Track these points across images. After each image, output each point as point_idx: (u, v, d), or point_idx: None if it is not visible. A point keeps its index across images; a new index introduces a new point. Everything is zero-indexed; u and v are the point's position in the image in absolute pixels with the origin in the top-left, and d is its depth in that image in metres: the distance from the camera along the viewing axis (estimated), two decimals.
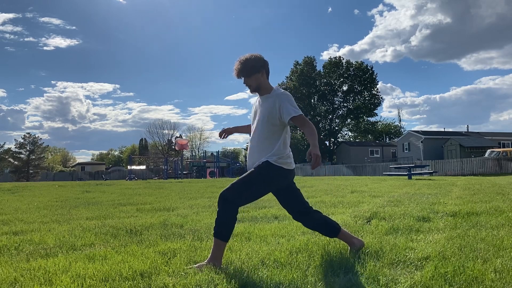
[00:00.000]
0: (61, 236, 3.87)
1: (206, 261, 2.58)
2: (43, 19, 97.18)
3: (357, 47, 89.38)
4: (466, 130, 46.50)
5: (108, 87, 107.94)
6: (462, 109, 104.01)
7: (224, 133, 3.15)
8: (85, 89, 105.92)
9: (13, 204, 7.62)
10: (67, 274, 2.45)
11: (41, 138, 57.69)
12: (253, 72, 2.75)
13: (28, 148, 54.36)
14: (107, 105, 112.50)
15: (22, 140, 54.47)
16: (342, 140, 54.91)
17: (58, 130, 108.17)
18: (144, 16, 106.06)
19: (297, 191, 2.88)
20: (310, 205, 2.89)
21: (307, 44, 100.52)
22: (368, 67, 51.87)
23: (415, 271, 2.40)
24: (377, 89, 52.36)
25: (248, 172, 2.73)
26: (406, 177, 16.38)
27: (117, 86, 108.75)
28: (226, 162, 45.71)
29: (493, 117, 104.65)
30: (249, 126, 3.05)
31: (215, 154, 41.13)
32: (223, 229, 2.58)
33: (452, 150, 36.13)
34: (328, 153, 52.37)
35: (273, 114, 2.70)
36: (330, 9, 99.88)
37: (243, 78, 2.79)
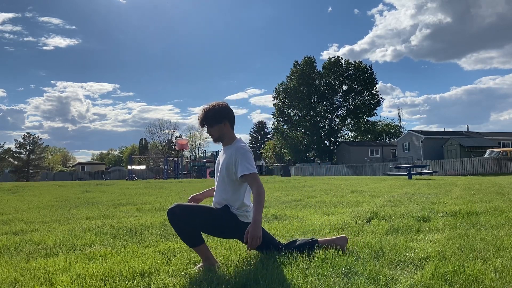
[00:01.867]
0: (61, 236, 3.87)
1: (202, 264, 2.60)
2: (42, 18, 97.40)
3: (357, 46, 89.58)
4: (466, 130, 46.48)
5: (108, 87, 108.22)
6: (462, 109, 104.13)
7: (192, 202, 3.00)
8: (85, 89, 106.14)
9: (13, 204, 7.61)
10: (67, 274, 2.45)
11: (41, 138, 57.74)
12: (215, 122, 2.74)
13: (28, 148, 54.36)
14: (107, 105, 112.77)
15: (22, 140, 54.50)
16: (342, 140, 54.86)
17: (58, 130, 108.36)
18: (144, 16, 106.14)
19: (266, 237, 2.77)
20: (282, 243, 2.88)
21: (307, 44, 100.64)
22: (368, 67, 51.84)
23: (415, 271, 2.40)
24: (377, 89, 52.33)
25: (209, 206, 2.74)
26: (406, 177, 16.37)
27: (117, 86, 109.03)
28: None
29: (493, 117, 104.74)
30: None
31: (215, 154, 41.11)
32: (190, 238, 2.58)
33: (452, 150, 36.12)
34: (328, 153, 52.34)
35: (230, 167, 2.68)
36: (330, 9, 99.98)
37: (206, 127, 2.78)
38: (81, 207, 6.92)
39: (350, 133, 58.64)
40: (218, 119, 2.74)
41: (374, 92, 52.07)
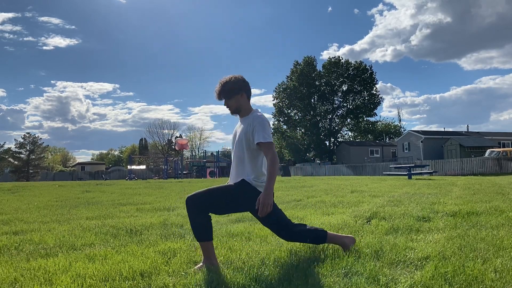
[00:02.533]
0: (61, 236, 3.87)
1: (202, 263, 2.60)
2: (42, 18, 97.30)
3: (357, 46, 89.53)
4: (466, 130, 46.47)
5: (108, 86, 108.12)
6: (462, 109, 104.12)
7: None
8: (84, 88, 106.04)
9: (13, 204, 7.61)
10: (67, 274, 2.45)
11: (41, 138, 57.72)
12: (233, 94, 2.78)
13: (28, 148, 54.35)
14: (107, 104, 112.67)
15: (22, 140, 54.49)
16: (342, 140, 54.87)
17: (58, 130, 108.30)
18: (144, 16, 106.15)
19: (278, 212, 2.84)
20: (293, 222, 2.89)
21: (307, 43, 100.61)
22: (368, 67, 51.88)
23: (415, 271, 2.40)
24: (377, 89, 52.38)
25: (225, 185, 2.76)
26: (406, 177, 16.37)
27: (117, 85, 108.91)
28: (226, 162, 45.72)
29: (493, 117, 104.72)
30: None
31: (215, 154, 41.12)
32: (200, 231, 2.60)
33: (452, 150, 36.12)
34: (328, 153, 52.34)
35: (248, 136, 2.71)
36: (330, 9, 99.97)
37: (223, 100, 2.82)
38: (81, 207, 6.92)
39: (350, 133, 58.67)
40: (236, 91, 2.78)
41: (374, 92, 52.11)
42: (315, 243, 2.88)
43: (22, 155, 54.36)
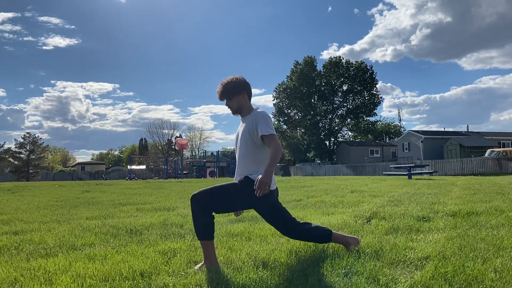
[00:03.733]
0: (61, 236, 3.87)
1: (202, 263, 2.60)
2: (42, 18, 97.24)
3: (357, 46, 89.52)
4: (466, 130, 46.47)
5: (107, 86, 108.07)
6: (462, 109, 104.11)
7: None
8: (84, 88, 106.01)
9: (13, 204, 7.61)
10: (67, 274, 2.45)
11: (41, 138, 57.62)
12: (234, 94, 2.82)
13: (28, 148, 54.32)
14: (107, 104, 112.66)
15: (22, 140, 54.46)
16: (342, 140, 54.88)
17: (58, 130, 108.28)
18: (144, 16, 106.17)
19: (282, 210, 2.89)
20: (298, 220, 2.91)
21: (307, 43, 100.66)
22: (368, 67, 51.89)
23: (415, 270, 2.40)
24: (377, 88, 52.39)
25: (229, 183, 2.77)
26: (406, 177, 16.37)
27: (117, 85, 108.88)
28: (226, 162, 45.72)
29: (493, 116, 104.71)
30: None
31: (215, 154, 41.10)
32: (202, 230, 2.61)
33: (452, 150, 36.12)
34: (328, 153, 52.35)
35: (252, 133, 2.74)
36: (330, 9, 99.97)
37: (225, 100, 2.86)
38: (81, 207, 6.92)
39: (350, 133, 58.69)
40: (237, 91, 2.82)
41: (374, 92, 52.12)
42: (319, 242, 2.90)
43: (22, 155, 54.34)
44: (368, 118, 54.48)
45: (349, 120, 54.28)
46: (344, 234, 3.02)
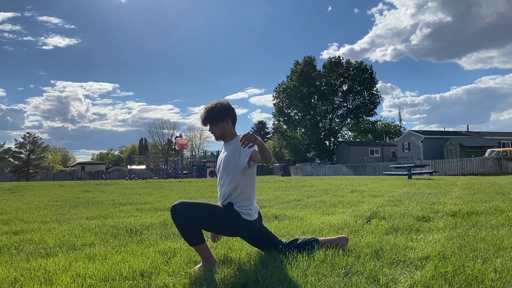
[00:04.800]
0: (61, 235, 3.87)
1: (201, 264, 2.60)
2: (42, 18, 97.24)
3: (357, 46, 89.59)
4: (466, 130, 46.45)
5: (107, 86, 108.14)
6: (462, 109, 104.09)
7: None
8: (84, 88, 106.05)
9: (13, 204, 7.62)
10: (67, 274, 2.45)
11: (41, 138, 57.61)
12: (218, 120, 2.77)
13: (28, 147, 54.36)
14: (107, 104, 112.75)
15: (22, 140, 54.51)
16: (342, 139, 54.87)
17: (58, 130, 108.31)
18: (144, 15, 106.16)
19: (267, 235, 2.85)
20: (284, 241, 2.91)
21: (307, 43, 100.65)
22: (368, 67, 51.87)
23: (415, 270, 2.40)
24: (377, 88, 52.39)
25: (214, 204, 2.74)
26: (406, 176, 16.37)
27: (117, 85, 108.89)
28: None
29: (493, 116, 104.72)
30: None
31: (215, 153, 41.12)
32: (190, 236, 2.59)
33: (452, 150, 36.11)
34: (328, 152, 52.34)
35: (234, 160, 2.69)
36: (330, 8, 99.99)
37: (208, 126, 2.81)
38: (81, 207, 6.92)
39: (350, 133, 58.68)
40: (221, 117, 2.77)
41: (374, 92, 52.12)
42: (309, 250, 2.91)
43: (22, 155, 54.37)
44: (368, 118, 54.49)
45: (349, 120, 54.27)
46: (331, 238, 3.01)
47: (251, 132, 2.36)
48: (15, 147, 54.31)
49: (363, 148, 47.45)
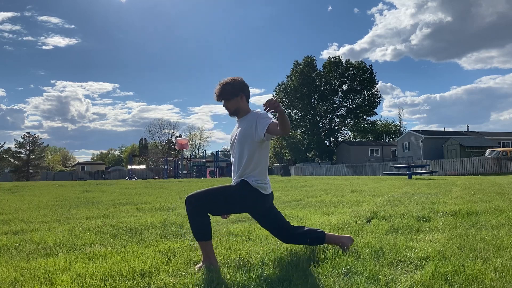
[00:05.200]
0: (61, 235, 3.87)
1: (201, 263, 2.60)
2: (41, 18, 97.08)
3: (357, 46, 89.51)
4: (466, 130, 46.45)
5: (107, 86, 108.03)
6: (462, 109, 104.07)
7: None
8: (84, 88, 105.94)
9: (13, 204, 7.61)
10: (67, 274, 2.45)
11: (41, 138, 57.54)
12: (232, 95, 2.79)
13: (28, 147, 54.31)
14: (107, 104, 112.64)
15: (22, 140, 54.44)
16: (342, 139, 54.89)
17: (58, 130, 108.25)
18: (144, 15, 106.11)
19: (277, 215, 2.88)
20: (292, 225, 2.92)
21: (307, 43, 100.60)
22: (368, 67, 51.89)
23: (415, 270, 2.40)
24: (377, 88, 52.40)
25: (225, 185, 2.76)
26: (406, 176, 16.37)
27: (117, 85, 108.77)
28: (226, 162, 45.69)
29: (493, 116, 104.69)
30: None
31: (215, 153, 41.11)
32: (199, 231, 2.60)
33: (452, 150, 36.11)
34: (328, 152, 52.34)
35: (250, 134, 2.70)
36: (330, 8, 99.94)
37: (222, 101, 2.82)
38: (81, 206, 6.93)
39: (350, 133, 58.70)
40: (235, 93, 2.79)
41: (374, 92, 52.13)
42: (313, 244, 2.90)
43: (22, 155, 54.32)
44: (368, 118, 54.52)
45: (349, 120, 54.29)
46: (337, 235, 3.01)
47: (272, 99, 2.38)
48: (15, 147, 54.29)
49: (363, 148, 47.45)
